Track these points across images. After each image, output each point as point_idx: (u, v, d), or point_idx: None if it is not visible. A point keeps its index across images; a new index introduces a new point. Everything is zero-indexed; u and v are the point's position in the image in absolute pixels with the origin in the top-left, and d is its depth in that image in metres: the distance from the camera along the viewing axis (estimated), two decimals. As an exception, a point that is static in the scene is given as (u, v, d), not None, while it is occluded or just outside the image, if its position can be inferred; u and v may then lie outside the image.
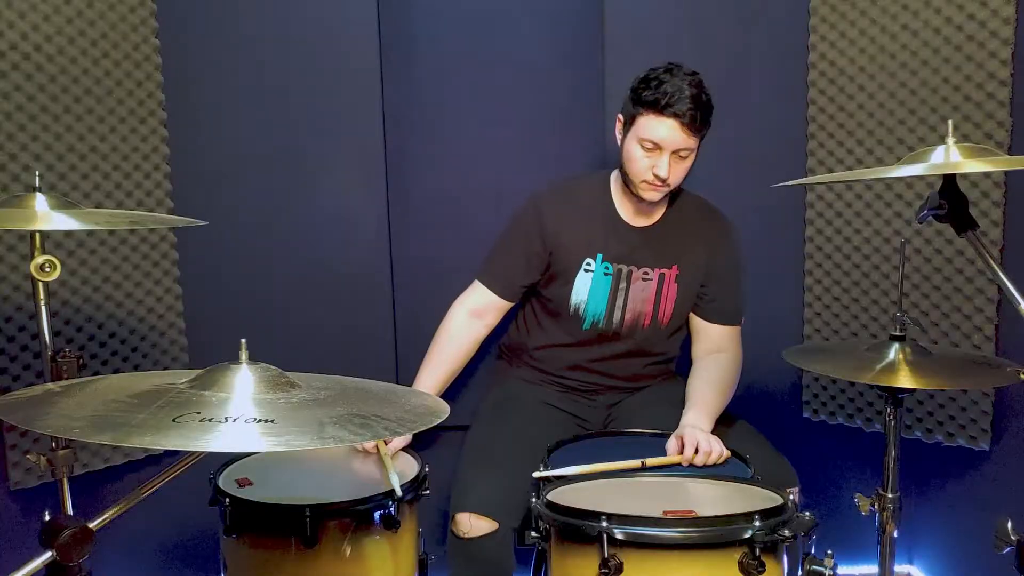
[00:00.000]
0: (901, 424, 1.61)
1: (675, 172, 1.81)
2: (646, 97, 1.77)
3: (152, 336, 2.14)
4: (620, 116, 1.89)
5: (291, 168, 2.25)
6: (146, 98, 2.09)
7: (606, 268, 1.92)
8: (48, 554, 0.98)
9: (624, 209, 1.95)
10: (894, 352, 1.55)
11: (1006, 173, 1.97)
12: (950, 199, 1.36)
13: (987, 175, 1.98)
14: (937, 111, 2.06)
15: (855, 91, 2.18)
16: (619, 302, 1.94)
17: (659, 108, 1.75)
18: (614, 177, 1.98)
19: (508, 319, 2.16)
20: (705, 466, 1.68)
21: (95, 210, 1.89)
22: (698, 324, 2.03)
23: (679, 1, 2.28)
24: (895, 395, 1.56)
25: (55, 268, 1.34)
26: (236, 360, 1.14)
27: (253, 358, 1.15)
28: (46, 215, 1.37)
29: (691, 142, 1.78)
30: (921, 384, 1.55)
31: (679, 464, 1.68)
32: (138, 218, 1.67)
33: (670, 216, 1.96)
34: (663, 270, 1.94)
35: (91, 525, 1.01)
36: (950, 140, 1.37)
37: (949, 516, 2.23)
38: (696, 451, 1.68)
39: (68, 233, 1.97)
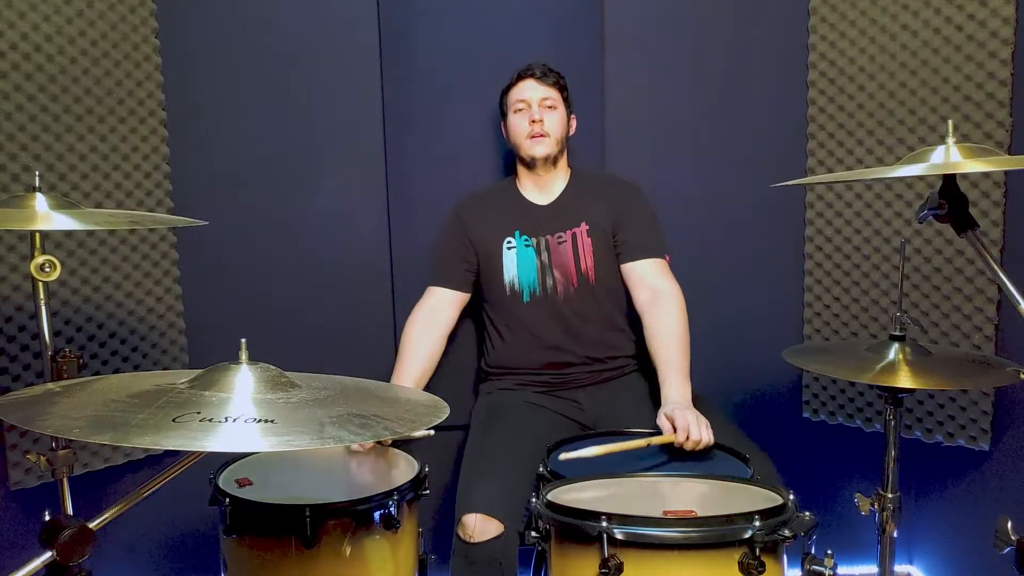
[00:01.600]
0: (901, 424, 1.61)
1: (548, 119, 2.08)
2: (507, 86, 2.15)
3: (152, 336, 2.14)
4: (502, 124, 2.19)
5: (291, 168, 2.25)
6: (146, 98, 2.09)
7: (526, 240, 2.11)
8: (48, 554, 0.98)
9: (529, 193, 2.16)
10: (894, 352, 1.55)
11: (1006, 173, 1.97)
12: (950, 199, 1.36)
13: (987, 175, 1.98)
14: (937, 111, 2.06)
15: (855, 91, 2.18)
16: (546, 268, 2.10)
17: (514, 80, 2.13)
18: (518, 175, 2.19)
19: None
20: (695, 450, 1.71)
21: (95, 210, 1.89)
22: (626, 269, 2.10)
23: (679, 1, 2.29)
24: (895, 395, 1.56)
25: (55, 268, 1.34)
26: (236, 360, 1.14)
27: (253, 358, 1.15)
28: (46, 215, 1.37)
29: (550, 92, 2.10)
30: (921, 384, 1.55)
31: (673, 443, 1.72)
32: (138, 218, 1.67)
33: (570, 189, 2.16)
34: (574, 229, 2.10)
35: (91, 525, 1.01)
36: (950, 140, 1.37)
37: (949, 516, 2.23)
38: (687, 437, 1.71)
39: (68, 233, 1.97)
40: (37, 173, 1.45)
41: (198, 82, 2.18)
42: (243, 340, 1.14)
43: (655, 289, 2.03)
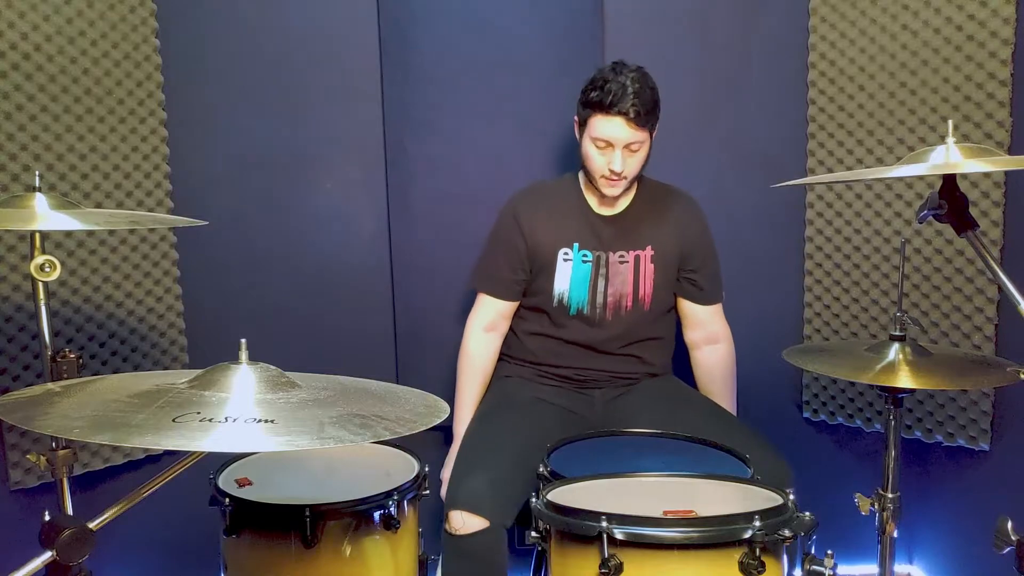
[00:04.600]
0: (901, 424, 1.61)
1: (628, 165, 1.91)
2: (593, 98, 1.89)
3: (152, 336, 2.14)
4: (576, 118, 1.99)
5: (291, 168, 2.25)
6: (146, 98, 2.09)
7: (584, 256, 2.01)
8: (48, 554, 0.98)
9: (593, 201, 2.05)
10: (894, 352, 1.55)
11: (1006, 173, 1.97)
12: (950, 199, 1.36)
13: (987, 175, 1.98)
14: (937, 111, 2.06)
15: (855, 91, 2.18)
16: (600, 287, 2.01)
17: (605, 108, 1.87)
18: (582, 174, 2.07)
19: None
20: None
21: (95, 210, 1.89)
22: (688, 308, 2.10)
23: (679, 1, 2.29)
24: (895, 395, 1.56)
25: (55, 268, 1.34)
26: (236, 360, 1.14)
27: (253, 358, 1.15)
28: (46, 215, 1.37)
29: (639, 135, 1.89)
30: (921, 384, 1.55)
31: None
32: (138, 218, 1.67)
33: (637, 202, 2.06)
34: (638, 252, 2.02)
35: (91, 525, 1.01)
36: (950, 140, 1.37)
37: (949, 516, 2.23)
38: None
39: (68, 233, 1.97)
40: (37, 173, 1.46)
41: (198, 82, 2.18)
42: (243, 340, 1.14)
43: (712, 333, 2.12)
